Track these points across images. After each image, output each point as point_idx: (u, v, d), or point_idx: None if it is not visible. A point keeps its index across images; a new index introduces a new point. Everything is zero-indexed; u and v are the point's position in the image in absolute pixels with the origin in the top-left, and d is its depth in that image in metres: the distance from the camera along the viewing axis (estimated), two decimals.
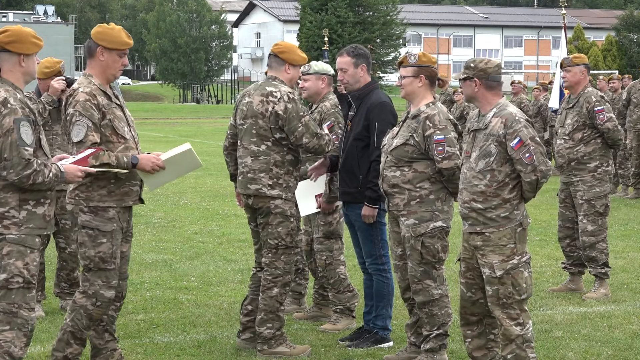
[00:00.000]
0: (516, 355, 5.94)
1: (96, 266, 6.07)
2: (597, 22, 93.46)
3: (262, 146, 6.89)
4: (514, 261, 5.94)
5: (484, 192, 5.97)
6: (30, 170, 5.31)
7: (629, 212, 14.74)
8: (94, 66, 6.12)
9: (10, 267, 5.36)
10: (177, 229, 13.01)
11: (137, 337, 7.48)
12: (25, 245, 5.40)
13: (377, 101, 7.13)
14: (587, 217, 8.92)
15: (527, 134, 5.90)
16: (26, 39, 5.49)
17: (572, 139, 8.95)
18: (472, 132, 6.11)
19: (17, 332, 5.38)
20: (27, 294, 5.41)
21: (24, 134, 5.32)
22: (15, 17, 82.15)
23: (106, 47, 6.06)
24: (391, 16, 67.46)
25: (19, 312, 5.38)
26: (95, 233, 6.04)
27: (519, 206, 5.99)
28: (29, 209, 5.41)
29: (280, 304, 6.96)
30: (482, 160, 5.98)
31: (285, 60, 6.98)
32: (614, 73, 26.96)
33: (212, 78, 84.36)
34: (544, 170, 5.90)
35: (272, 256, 6.94)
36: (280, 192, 6.87)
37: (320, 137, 6.90)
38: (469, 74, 6.06)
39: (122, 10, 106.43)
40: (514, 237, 5.95)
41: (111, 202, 6.05)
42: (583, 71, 9.03)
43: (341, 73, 7.22)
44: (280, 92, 6.85)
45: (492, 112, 6.02)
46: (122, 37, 6.07)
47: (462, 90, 6.18)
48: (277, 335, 6.95)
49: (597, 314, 8.26)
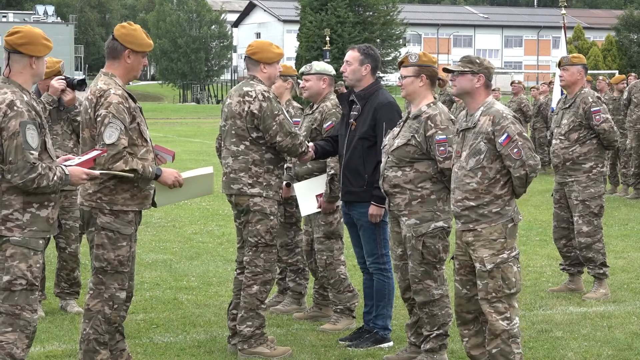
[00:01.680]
0: (501, 350, 5.97)
1: (114, 269, 6.06)
2: (597, 22, 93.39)
3: (241, 146, 6.92)
4: (503, 255, 5.97)
5: (475, 189, 5.99)
6: (35, 174, 5.27)
7: (629, 212, 14.74)
8: (118, 67, 6.11)
9: (14, 270, 5.34)
10: (177, 229, 13.01)
11: (137, 337, 7.47)
12: (29, 247, 5.37)
13: (385, 101, 7.14)
14: (582, 217, 8.92)
15: (514, 130, 5.93)
16: (38, 40, 5.46)
17: (568, 139, 8.95)
18: (462, 132, 6.14)
19: (20, 334, 5.36)
20: (30, 295, 5.39)
21: (30, 137, 5.28)
22: (15, 17, 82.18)
23: (134, 50, 6.07)
24: (391, 16, 67.43)
25: (21, 314, 5.37)
26: (116, 236, 6.04)
27: (510, 202, 6.04)
28: (32, 211, 5.38)
29: (261, 302, 6.96)
30: (473, 159, 6.00)
31: (259, 60, 6.99)
32: (614, 73, 26.93)
33: (212, 78, 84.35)
34: (533, 165, 5.94)
35: (252, 254, 6.94)
36: (261, 190, 6.89)
37: (295, 136, 6.91)
38: (473, 69, 6.06)
39: (122, 10, 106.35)
40: (505, 232, 5.99)
41: (133, 206, 6.07)
42: (580, 71, 9.02)
43: (345, 65, 7.25)
44: (255, 91, 6.87)
45: (479, 111, 6.05)
46: (146, 39, 6.11)
47: (455, 83, 6.07)
48: (257, 334, 6.94)
49: (597, 314, 8.26)
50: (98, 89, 6.04)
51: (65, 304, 8.45)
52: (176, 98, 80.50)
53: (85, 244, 11.08)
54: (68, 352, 7.07)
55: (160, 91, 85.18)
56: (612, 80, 18.52)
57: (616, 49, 64.07)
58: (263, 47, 7.03)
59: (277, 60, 7.04)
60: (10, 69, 5.45)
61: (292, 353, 7.01)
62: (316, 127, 7.79)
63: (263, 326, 6.98)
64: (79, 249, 8.49)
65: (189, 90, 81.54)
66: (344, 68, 7.26)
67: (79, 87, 8.12)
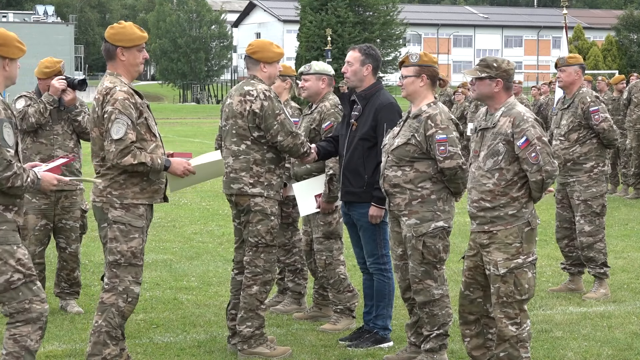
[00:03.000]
0: (509, 354, 5.96)
1: (127, 261, 6.09)
2: (597, 22, 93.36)
3: (242, 145, 6.92)
4: (518, 260, 5.94)
5: (492, 190, 5.97)
6: (11, 173, 5.22)
7: (629, 212, 14.74)
8: (118, 67, 6.16)
9: (5, 268, 5.30)
10: (177, 229, 13.01)
11: (137, 337, 7.47)
12: (9, 243, 5.31)
13: (386, 102, 7.13)
14: (584, 217, 8.92)
15: (534, 134, 5.90)
16: (11, 42, 5.42)
17: (567, 140, 8.95)
18: (481, 131, 6.11)
19: (33, 326, 5.35)
20: (33, 286, 5.36)
21: (6, 135, 5.23)
22: (15, 17, 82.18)
23: (125, 47, 6.11)
24: (391, 16, 67.45)
25: (32, 306, 5.34)
26: (127, 228, 6.08)
27: (528, 205, 5.99)
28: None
29: (260, 302, 6.96)
30: (491, 159, 5.98)
31: (259, 59, 6.99)
32: (614, 73, 26.93)
33: (212, 78, 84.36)
34: (550, 171, 5.90)
35: (252, 254, 6.95)
36: (262, 190, 6.89)
37: (296, 136, 6.91)
38: (491, 74, 6.04)
39: (122, 10, 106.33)
40: (521, 236, 5.95)
41: (143, 200, 6.11)
42: (578, 71, 9.02)
43: (346, 66, 7.24)
44: (257, 90, 6.88)
45: (500, 111, 6.02)
46: (136, 32, 6.13)
47: (474, 88, 6.08)
48: (257, 334, 6.94)
49: (597, 314, 8.26)
50: (104, 87, 6.09)
51: (65, 304, 8.45)
52: (176, 98, 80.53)
53: (85, 244, 11.12)
54: (68, 352, 7.07)
55: (160, 91, 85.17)
56: (611, 80, 18.53)
57: (616, 49, 64.06)
58: (263, 46, 7.03)
59: (277, 59, 7.04)
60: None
61: (292, 353, 7.01)
62: (315, 127, 7.78)
63: (263, 326, 6.98)
64: (79, 249, 8.49)
65: (189, 90, 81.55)
66: (345, 69, 7.25)
67: (79, 87, 8.12)
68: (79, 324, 7.92)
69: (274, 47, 7.04)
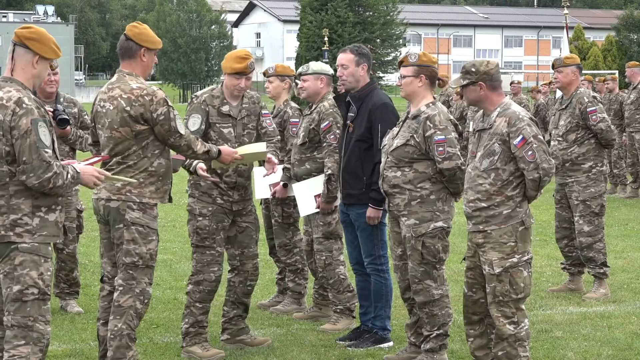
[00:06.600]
0: (507, 353, 5.97)
1: (145, 263, 6.06)
2: (597, 22, 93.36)
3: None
4: (513, 259, 5.96)
5: (487, 190, 5.99)
6: (51, 173, 5.05)
7: (629, 212, 14.74)
8: (136, 66, 6.12)
9: (25, 278, 5.09)
10: (177, 229, 13.01)
11: (137, 337, 7.43)
12: (39, 254, 5.15)
13: (379, 102, 7.13)
14: (583, 217, 8.93)
15: (530, 132, 5.91)
16: (47, 42, 5.23)
17: (565, 140, 8.95)
18: (478, 132, 6.12)
19: (33, 347, 5.11)
20: (43, 305, 5.15)
21: (43, 135, 5.06)
22: (15, 17, 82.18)
23: (149, 48, 6.11)
24: (391, 16, 67.42)
25: (34, 325, 5.12)
26: (146, 230, 6.05)
27: (522, 204, 6.01)
28: (41, 215, 5.15)
29: (194, 301, 7.02)
30: (487, 159, 5.99)
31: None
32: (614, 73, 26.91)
33: (212, 78, 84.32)
34: (547, 168, 5.91)
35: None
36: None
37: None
38: (471, 79, 6.05)
39: (122, 10, 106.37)
40: (515, 235, 5.97)
41: (157, 200, 6.12)
42: (575, 72, 9.01)
43: (341, 69, 7.21)
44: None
45: (496, 112, 6.04)
46: (156, 36, 6.17)
47: (464, 95, 6.18)
48: (191, 332, 6.98)
49: (597, 314, 8.26)
50: (137, 88, 6.03)
51: (65, 304, 8.45)
52: (176, 98, 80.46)
53: (85, 244, 11.12)
54: (68, 352, 7.07)
55: None
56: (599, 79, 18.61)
57: (616, 49, 64.01)
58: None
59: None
60: (14, 63, 5.22)
61: (224, 356, 7.00)
62: (314, 127, 7.77)
63: (197, 325, 6.99)
64: (77, 249, 8.50)
65: (189, 90, 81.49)
66: (340, 72, 7.21)
67: (58, 124, 7.77)
68: (79, 324, 7.91)
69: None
